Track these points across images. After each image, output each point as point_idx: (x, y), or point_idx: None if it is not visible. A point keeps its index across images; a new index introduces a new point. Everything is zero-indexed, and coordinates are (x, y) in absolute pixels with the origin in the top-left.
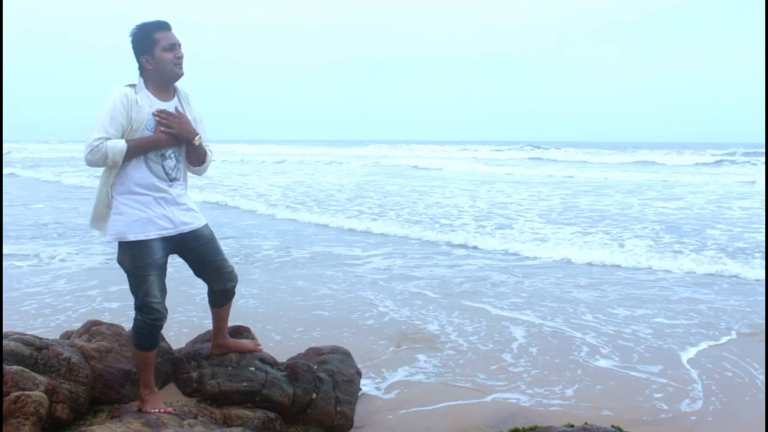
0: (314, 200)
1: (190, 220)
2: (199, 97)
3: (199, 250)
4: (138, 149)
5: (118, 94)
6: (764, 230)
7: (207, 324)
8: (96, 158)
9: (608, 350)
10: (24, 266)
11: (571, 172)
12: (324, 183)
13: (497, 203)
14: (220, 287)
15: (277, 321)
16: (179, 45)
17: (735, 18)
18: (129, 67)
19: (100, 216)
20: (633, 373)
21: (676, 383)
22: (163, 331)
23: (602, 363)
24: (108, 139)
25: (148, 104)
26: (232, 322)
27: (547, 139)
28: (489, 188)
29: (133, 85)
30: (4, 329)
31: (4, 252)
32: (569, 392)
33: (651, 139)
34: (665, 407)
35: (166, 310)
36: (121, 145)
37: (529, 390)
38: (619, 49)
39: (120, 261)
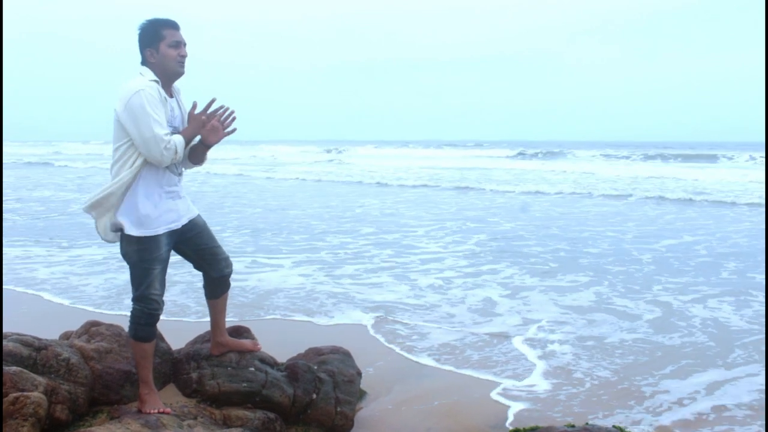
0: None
1: (189, 212)
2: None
3: (196, 239)
4: (185, 143)
5: (150, 89)
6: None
7: (205, 325)
8: (171, 154)
9: (610, 351)
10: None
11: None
12: None
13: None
14: (217, 274)
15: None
16: (184, 44)
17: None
18: (125, 68)
19: (108, 205)
20: (635, 375)
21: (677, 385)
22: (162, 332)
23: (603, 363)
24: (170, 132)
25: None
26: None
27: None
28: None
29: (156, 81)
30: (3, 329)
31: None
32: (570, 392)
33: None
34: (667, 408)
35: (164, 303)
36: (181, 139)
37: (530, 390)
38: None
39: (125, 254)
